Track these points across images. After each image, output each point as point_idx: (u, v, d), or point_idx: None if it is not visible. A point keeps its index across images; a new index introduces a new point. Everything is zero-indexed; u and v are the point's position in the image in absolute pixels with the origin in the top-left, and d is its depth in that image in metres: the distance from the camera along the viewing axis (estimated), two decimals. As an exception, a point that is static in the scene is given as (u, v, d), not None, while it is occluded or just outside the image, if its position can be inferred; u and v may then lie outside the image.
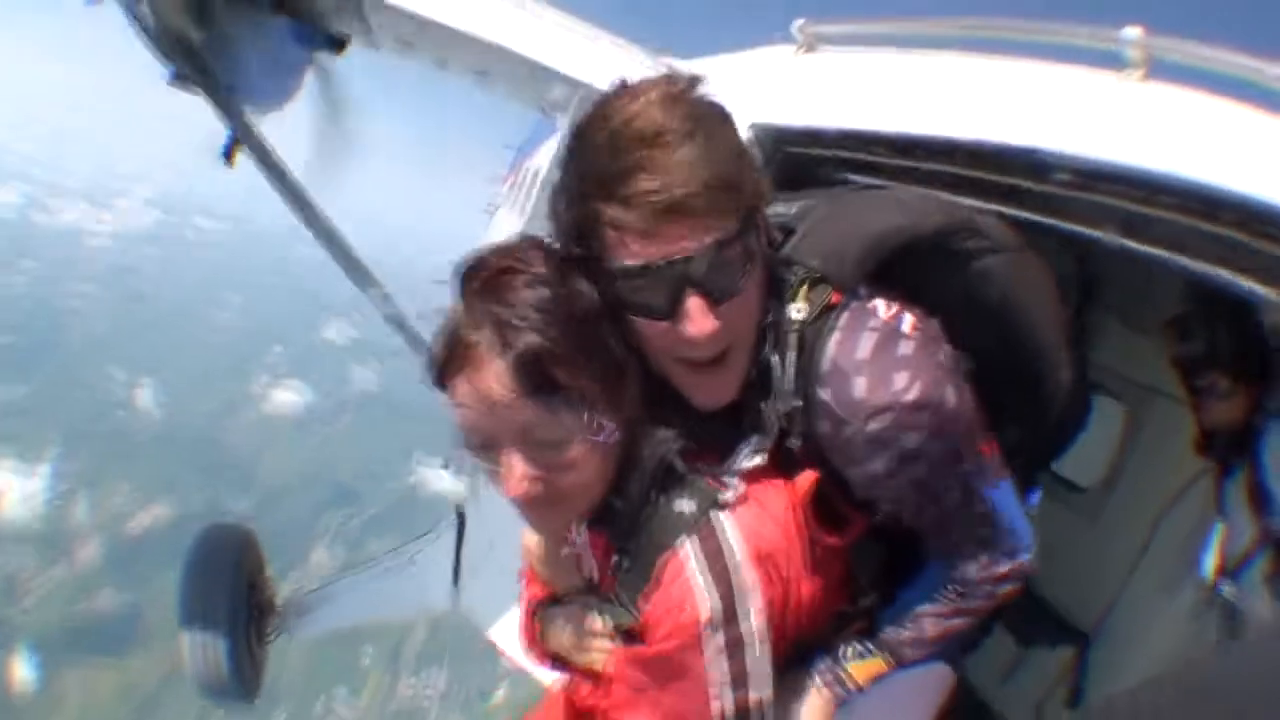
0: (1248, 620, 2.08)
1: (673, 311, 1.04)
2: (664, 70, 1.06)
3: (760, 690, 1.08)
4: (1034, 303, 1.34)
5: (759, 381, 1.17)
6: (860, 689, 1.29)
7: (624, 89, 1.04)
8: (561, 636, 1.31)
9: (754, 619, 1.06)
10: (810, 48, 2.32)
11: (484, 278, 1.03)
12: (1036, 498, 1.75)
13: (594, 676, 1.28)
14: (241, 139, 2.92)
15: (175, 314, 66.84)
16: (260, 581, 3.95)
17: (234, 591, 3.66)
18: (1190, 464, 2.66)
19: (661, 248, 1.00)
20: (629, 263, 1.02)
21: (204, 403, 52.78)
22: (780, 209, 1.26)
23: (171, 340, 60.46)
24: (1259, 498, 2.12)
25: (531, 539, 1.35)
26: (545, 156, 5.65)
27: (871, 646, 1.31)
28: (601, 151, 1.00)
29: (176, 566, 3.75)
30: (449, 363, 1.04)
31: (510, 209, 6.93)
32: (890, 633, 1.31)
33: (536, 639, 1.37)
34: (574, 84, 2.77)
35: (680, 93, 1.02)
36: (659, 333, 1.07)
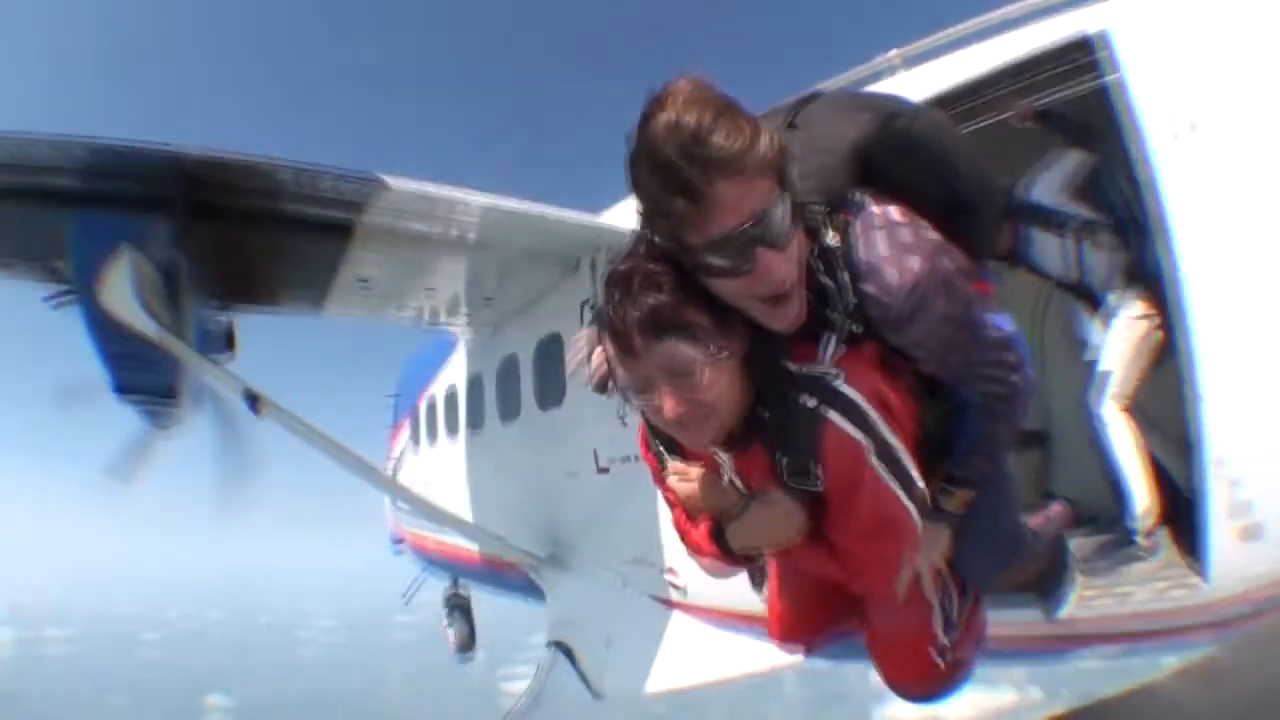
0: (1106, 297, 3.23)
1: (751, 267, 1.27)
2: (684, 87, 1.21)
3: (918, 482, 1.48)
4: (952, 140, 1.63)
5: (819, 299, 1.43)
6: (959, 512, 1.70)
7: (656, 102, 1.20)
8: (760, 527, 1.56)
9: (892, 438, 1.42)
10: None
11: (612, 281, 1.40)
12: None
13: (805, 538, 1.56)
14: (253, 394, 3.61)
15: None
16: None
17: None
18: (1028, 295, 4.02)
19: (728, 221, 1.22)
20: (708, 238, 1.24)
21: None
22: None
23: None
24: (1052, 225, 3.32)
25: (687, 492, 1.62)
26: (455, 375, 6.34)
27: (953, 488, 1.69)
28: (663, 164, 1.19)
29: None
30: (610, 343, 1.39)
31: (428, 444, 7.24)
32: (960, 470, 1.68)
33: (726, 552, 1.62)
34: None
35: (696, 89, 1.21)
36: (740, 285, 1.31)
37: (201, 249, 3.30)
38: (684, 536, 1.73)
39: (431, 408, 7.36)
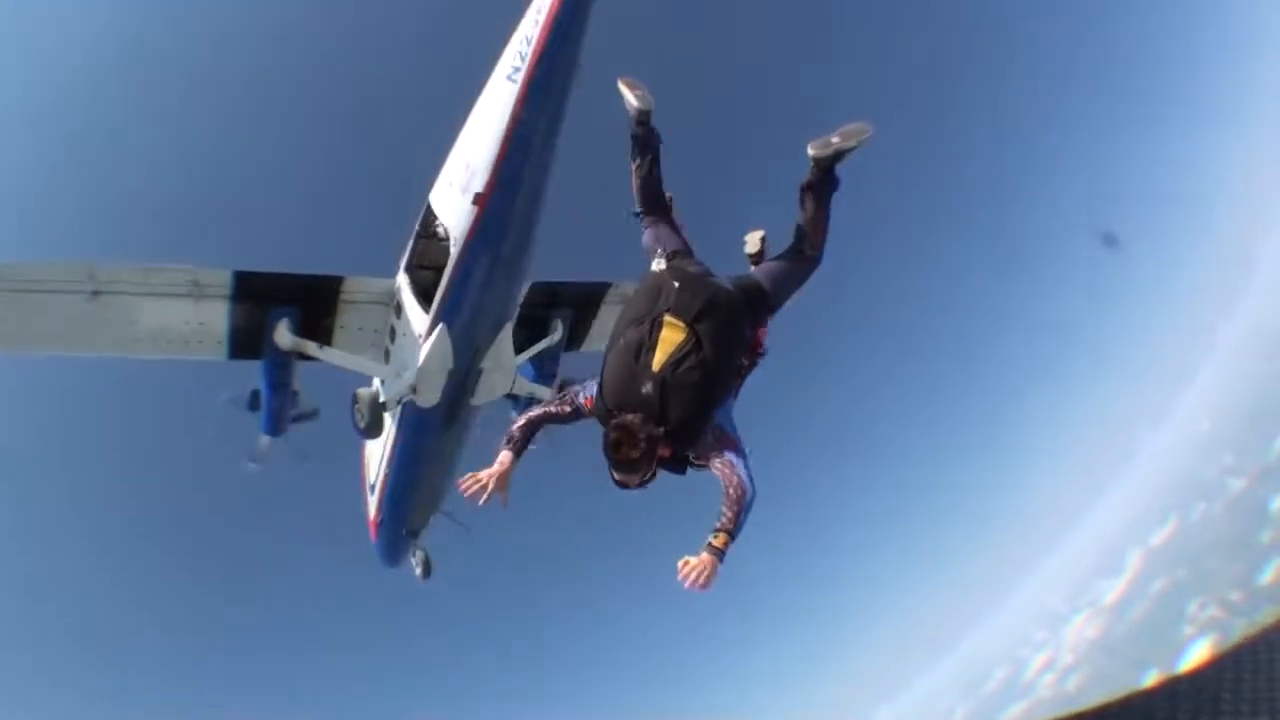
0: None
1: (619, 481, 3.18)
2: None
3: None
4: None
5: (681, 459, 3.25)
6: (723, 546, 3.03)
7: (612, 434, 3.07)
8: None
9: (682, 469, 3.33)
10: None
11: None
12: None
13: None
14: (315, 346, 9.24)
15: None
16: None
17: None
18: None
19: (620, 478, 3.17)
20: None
21: None
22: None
23: None
24: None
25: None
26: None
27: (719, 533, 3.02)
28: (608, 460, 3.14)
29: None
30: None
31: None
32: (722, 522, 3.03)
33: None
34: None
35: (629, 437, 3.01)
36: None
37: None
38: None
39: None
